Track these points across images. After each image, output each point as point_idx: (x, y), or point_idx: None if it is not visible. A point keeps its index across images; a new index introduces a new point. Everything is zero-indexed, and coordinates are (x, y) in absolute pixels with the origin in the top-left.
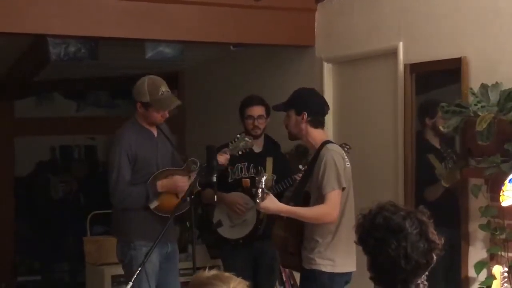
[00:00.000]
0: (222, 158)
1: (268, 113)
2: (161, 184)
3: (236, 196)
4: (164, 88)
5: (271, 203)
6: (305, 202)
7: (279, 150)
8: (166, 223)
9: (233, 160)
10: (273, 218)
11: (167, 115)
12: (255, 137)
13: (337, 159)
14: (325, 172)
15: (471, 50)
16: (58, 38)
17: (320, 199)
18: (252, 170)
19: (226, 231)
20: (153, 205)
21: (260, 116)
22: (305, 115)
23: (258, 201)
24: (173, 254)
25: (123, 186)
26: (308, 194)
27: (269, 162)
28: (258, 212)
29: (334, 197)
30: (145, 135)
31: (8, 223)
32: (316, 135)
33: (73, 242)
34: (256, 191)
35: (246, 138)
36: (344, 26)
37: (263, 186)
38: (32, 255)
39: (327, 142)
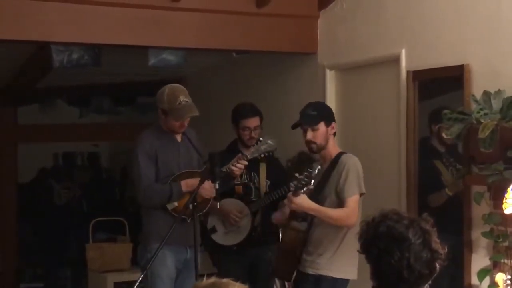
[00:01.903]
0: (241, 165)
1: (261, 121)
2: (185, 183)
3: (231, 204)
4: (182, 98)
5: (305, 201)
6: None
7: (273, 156)
8: (183, 226)
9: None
10: (268, 225)
11: (186, 124)
12: (250, 147)
13: (359, 167)
14: (348, 178)
15: (474, 57)
16: (62, 45)
17: (338, 203)
18: (245, 177)
19: (220, 238)
20: (171, 206)
21: (256, 127)
22: (335, 125)
23: (305, 189)
24: (192, 261)
25: (147, 182)
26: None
27: (263, 167)
28: (253, 220)
29: (354, 202)
30: (167, 139)
31: (11, 229)
32: (334, 144)
33: (76, 249)
34: (309, 182)
35: (269, 141)
36: (346, 33)
37: (313, 181)
38: (35, 262)
39: (344, 152)
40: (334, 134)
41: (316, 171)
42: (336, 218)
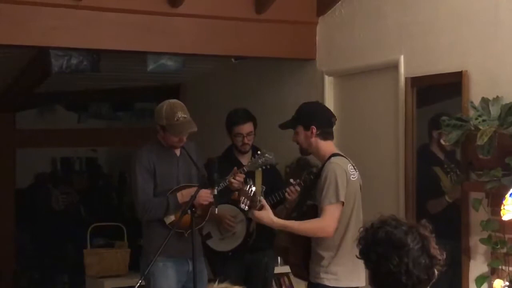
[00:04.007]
0: (240, 178)
1: (256, 126)
2: (181, 194)
3: (226, 209)
4: (181, 114)
5: (266, 216)
6: (311, 215)
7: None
8: (182, 239)
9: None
10: (264, 230)
11: (184, 139)
12: (244, 153)
13: (338, 173)
14: (324, 186)
15: (472, 64)
16: (60, 51)
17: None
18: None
19: (215, 244)
20: (169, 220)
21: (249, 133)
22: (314, 129)
23: (246, 208)
24: (198, 273)
25: (144, 197)
26: (315, 206)
27: (258, 174)
28: (248, 225)
29: (330, 211)
30: (165, 153)
31: (9, 235)
32: (326, 148)
33: (73, 254)
34: (245, 199)
35: (267, 155)
36: (345, 39)
37: (252, 194)
38: (33, 267)
39: (333, 155)
40: (326, 137)
41: (252, 188)
42: (303, 231)
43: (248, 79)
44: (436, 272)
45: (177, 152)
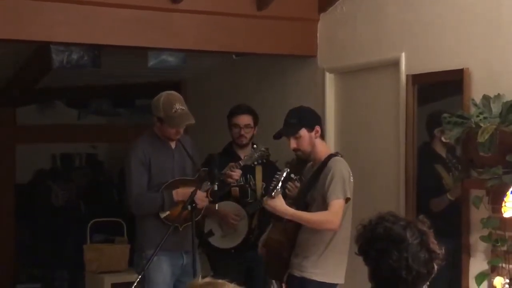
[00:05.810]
0: (236, 175)
1: (256, 122)
2: (176, 192)
3: (228, 207)
4: (178, 106)
5: (280, 204)
6: (309, 210)
7: (268, 159)
8: (177, 232)
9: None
10: (266, 228)
11: (181, 131)
12: (241, 147)
13: (345, 171)
14: (332, 182)
15: (474, 61)
16: (61, 46)
17: (324, 207)
18: (241, 179)
19: (217, 241)
20: (163, 214)
21: (246, 125)
22: (319, 128)
23: (273, 195)
24: (190, 266)
25: (138, 191)
26: (307, 204)
27: (259, 170)
28: (250, 222)
29: (337, 205)
30: (161, 145)
31: (9, 231)
32: (322, 146)
33: (73, 250)
34: (276, 185)
35: (263, 149)
36: (346, 36)
37: (281, 183)
38: (32, 263)
39: (333, 155)
40: (323, 136)
41: (285, 174)
42: (313, 221)
43: (249, 75)
44: (435, 266)
45: (173, 144)
